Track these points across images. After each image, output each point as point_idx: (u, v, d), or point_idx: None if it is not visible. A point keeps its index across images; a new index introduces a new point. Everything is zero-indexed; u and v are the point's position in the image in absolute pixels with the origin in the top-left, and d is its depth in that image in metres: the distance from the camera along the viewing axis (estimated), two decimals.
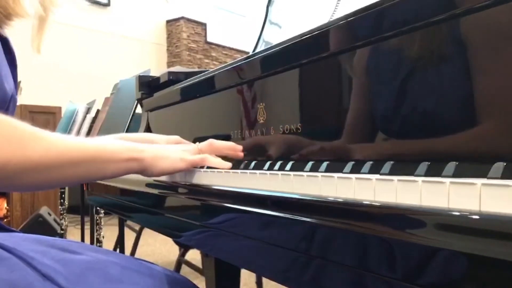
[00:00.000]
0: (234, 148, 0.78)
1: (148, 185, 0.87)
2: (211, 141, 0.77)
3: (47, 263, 0.54)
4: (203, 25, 6.20)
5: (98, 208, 2.27)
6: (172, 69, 1.29)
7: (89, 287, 0.55)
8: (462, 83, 0.46)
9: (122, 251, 2.17)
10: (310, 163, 0.56)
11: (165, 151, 0.72)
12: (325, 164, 0.54)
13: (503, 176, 0.34)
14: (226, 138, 0.87)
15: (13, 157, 0.53)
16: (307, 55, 0.66)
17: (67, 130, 2.39)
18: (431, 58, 0.50)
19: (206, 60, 6.21)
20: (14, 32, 0.68)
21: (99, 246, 2.23)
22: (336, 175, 0.46)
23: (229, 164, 0.73)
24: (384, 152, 0.55)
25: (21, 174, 0.55)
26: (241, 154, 0.77)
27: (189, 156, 0.73)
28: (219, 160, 0.73)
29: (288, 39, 0.70)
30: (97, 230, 2.30)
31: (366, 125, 0.58)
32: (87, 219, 2.38)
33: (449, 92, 0.48)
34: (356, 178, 0.43)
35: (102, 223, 2.34)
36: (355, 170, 0.49)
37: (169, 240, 2.77)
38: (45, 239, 0.62)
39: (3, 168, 0.53)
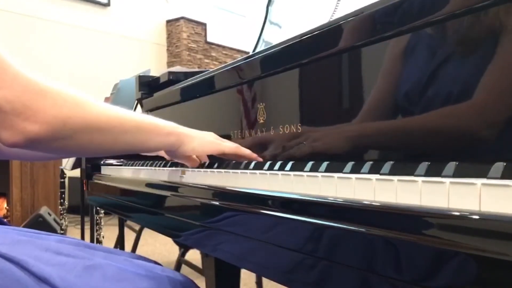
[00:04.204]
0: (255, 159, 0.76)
1: (148, 185, 0.87)
2: (238, 146, 0.77)
3: (42, 267, 0.54)
4: (203, 25, 6.19)
5: (98, 208, 2.26)
6: (172, 69, 1.29)
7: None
8: (462, 83, 0.46)
9: None
10: (310, 163, 0.56)
11: (200, 132, 0.75)
12: (325, 164, 0.54)
13: (503, 176, 0.34)
14: (226, 138, 0.87)
15: (72, 115, 0.58)
16: (307, 55, 0.66)
17: None
18: (431, 59, 0.50)
19: (206, 60, 6.21)
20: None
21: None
22: (336, 175, 0.46)
23: (260, 159, 0.74)
24: (384, 152, 0.55)
25: (79, 133, 0.59)
26: None
27: (222, 143, 0.75)
28: (250, 152, 0.74)
29: (288, 39, 0.70)
30: (97, 230, 2.30)
31: (366, 125, 0.58)
32: (87, 219, 2.38)
33: (449, 91, 0.48)
34: (356, 178, 0.43)
35: (102, 223, 2.34)
36: (355, 170, 0.49)
37: (169, 240, 2.77)
38: (40, 241, 0.61)
39: (63, 126, 0.57)
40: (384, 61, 0.55)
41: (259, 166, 0.64)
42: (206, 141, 0.74)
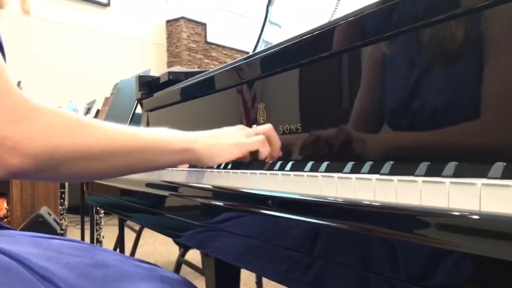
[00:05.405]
0: (279, 152, 0.71)
1: (148, 185, 0.87)
2: (270, 127, 0.70)
3: (45, 265, 0.54)
4: (203, 25, 6.20)
5: (98, 208, 2.27)
6: (172, 69, 1.29)
7: None
8: (462, 83, 0.46)
9: (122, 251, 2.17)
10: (310, 163, 0.56)
11: (220, 137, 0.68)
12: (325, 164, 0.54)
13: (503, 176, 0.34)
14: None
15: (61, 144, 0.53)
16: (307, 55, 0.66)
17: None
18: (431, 58, 0.50)
19: (206, 60, 6.21)
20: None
21: (99, 246, 2.23)
22: (336, 175, 0.46)
23: (280, 153, 0.69)
24: (384, 152, 0.55)
25: (69, 163, 0.54)
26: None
27: (246, 141, 0.68)
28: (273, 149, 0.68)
29: (288, 39, 0.70)
30: (97, 230, 2.30)
31: (366, 125, 0.58)
32: (87, 219, 2.38)
33: (448, 91, 0.48)
34: (356, 178, 0.43)
35: (102, 223, 2.34)
36: (355, 170, 0.49)
37: (169, 240, 2.76)
38: (41, 241, 0.61)
39: (50, 157, 0.52)
40: (383, 61, 0.55)
41: (259, 166, 0.64)
42: (228, 148, 0.67)
